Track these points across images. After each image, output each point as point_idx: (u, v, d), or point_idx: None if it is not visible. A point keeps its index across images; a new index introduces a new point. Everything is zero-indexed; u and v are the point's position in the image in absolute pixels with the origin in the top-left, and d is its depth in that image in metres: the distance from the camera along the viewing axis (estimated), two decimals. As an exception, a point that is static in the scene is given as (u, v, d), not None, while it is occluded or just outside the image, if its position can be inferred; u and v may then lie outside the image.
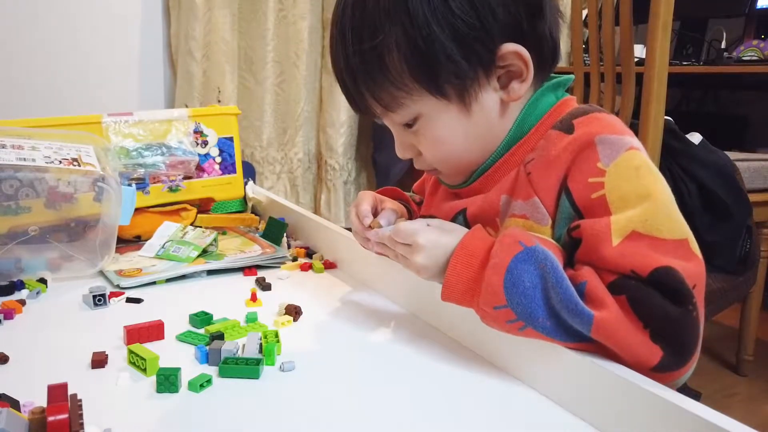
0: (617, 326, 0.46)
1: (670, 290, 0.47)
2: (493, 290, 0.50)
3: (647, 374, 0.45)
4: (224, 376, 0.53)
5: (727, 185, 1.21)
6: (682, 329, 0.46)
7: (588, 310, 0.47)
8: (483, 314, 0.52)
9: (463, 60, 0.54)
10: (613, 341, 0.47)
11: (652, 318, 0.46)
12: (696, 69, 1.99)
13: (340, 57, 0.58)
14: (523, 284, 0.49)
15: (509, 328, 0.50)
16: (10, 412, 0.38)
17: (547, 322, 0.48)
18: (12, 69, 1.76)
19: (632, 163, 0.52)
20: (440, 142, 0.60)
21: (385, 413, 0.48)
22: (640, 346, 0.46)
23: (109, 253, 0.80)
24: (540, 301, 0.49)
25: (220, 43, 1.97)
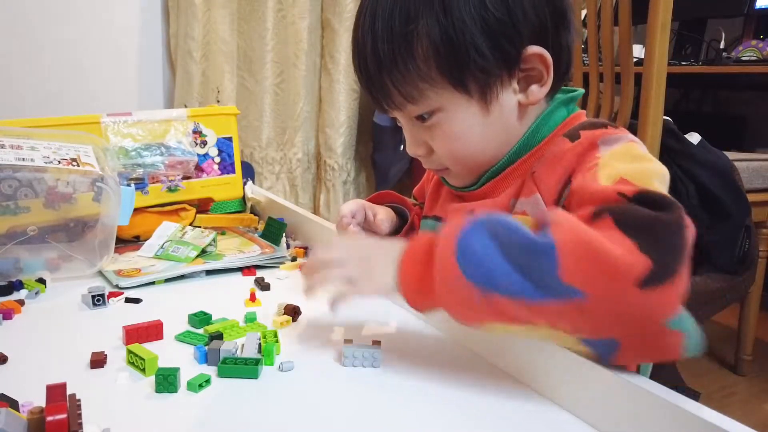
0: (586, 239, 0.42)
1: (657, 204, 0.44)
2: (446, 266, 0.47)
3: (633, 294, 0.40)
4: (223, 376, 0.53)
5: (725, 185, 1.21)
6: (670, 230, 0.42)
7: (546, 239, 0.44)
8: (447, 306, 0.49)
9: (491, 54, 0.55)
10: (585, 263, 0.41)
11: (640, 228, 0.42)
12: (695, 69, 1.99)
13: (367, 43, 0.58)
14: (475, 250, 0.46)
15: (471, 303, 0.46)
16: (9, 412, 0.38)
17: (507, 280, 0.44)
18: (11, 69, 1.76)
19: (629, 152, 0.53)
20: (455, 138, 0.60)
21: (385, 413, 0.48)
22: (624, 257, 0.41)
23: (108, 253, 0.80)
24: (497, 261, 0.44)
25: (219, 43, 1.97)
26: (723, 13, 2.24)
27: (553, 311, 0.43)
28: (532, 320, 0.45)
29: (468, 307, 0.47)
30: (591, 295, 0.42)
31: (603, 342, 0.44)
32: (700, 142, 1.25)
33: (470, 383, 0.53)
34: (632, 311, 0.41)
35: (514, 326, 0.46)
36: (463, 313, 0.48)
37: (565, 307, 0.43)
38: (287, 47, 2.06)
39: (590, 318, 0.43)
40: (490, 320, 0.47)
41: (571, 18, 0.59)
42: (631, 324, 0.42)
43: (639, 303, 0.41)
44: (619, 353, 0.44)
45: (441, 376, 0.54)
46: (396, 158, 2.14)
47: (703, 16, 2.26)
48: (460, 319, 0.49)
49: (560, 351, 0.49)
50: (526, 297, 0.43)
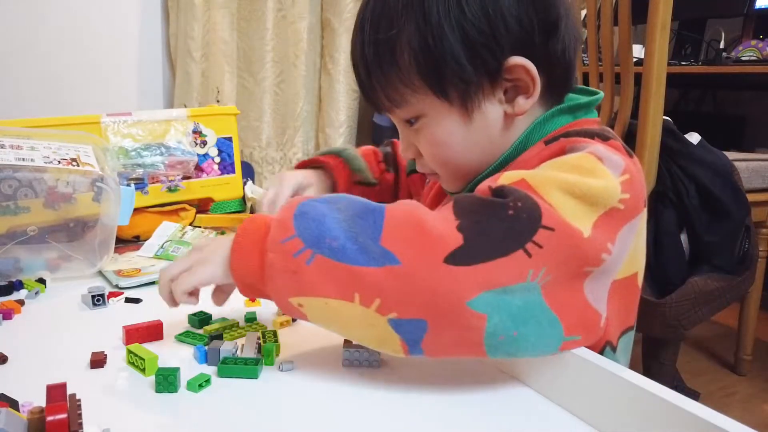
0: (410, 214, 0.45)
1: (501, 194, 0.46)
2: (283, 224, 0.48)
3: (439, 268, 0.43)
4: (223, 376, 0.53)
5: (725, 185, 1.21)
6: (492, 214, 0.44)
7: (381, 205, 0.47)
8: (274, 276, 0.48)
9: (469, 65, 0.54)
10: (404, 231, 0.45)
11: (466, 210, 0.45)
12: (695, 69, 1.99)
13: (357, 46, 0.59)
14: (314, 211, 0.48)
15: (296, 265, 0.46)
16: (9, 412, 0.38)
17: (334, 242, 0.46)
18: (11, 69, 1.76)
19: (578, 162, 0.50)
20: (438, 144, 0.60)
21: (385, 413, 0.48)
22: (441, 231, 0.44)
23: (108, 253, 0.80)
24: (330, 223, 0.47)
25: (219, 43, 1.97)
26: (723, 13, 2.24)
27: (369, 279, 0.44)
28: (349, 291, 0.45)
29: (293, 271, 0.47)
30: (404, 263, 0.44)
31: (412, 323, 0.45)
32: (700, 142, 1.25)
33: (469, 383, 0.53)
34: (436, 285, 0.43)
35: (331, 302, 0.46)
36: (286, 286, 0.48)
37: (381, 274, 0.44)
38: (287, 47, 2.06)
39: (402, 288, 0.44)
40: (309, 291, 0.47)
41: (565, 25, 0.57)
42: (436, 299, 0.43)
43: (443, 277, 0.43)
44: (426, 336, 0.45)
45: (440, 376, 0.54)
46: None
47: (703, 16, 2.26)
48: (282, 296, 0.49)
49: (563, 351, 0.49)
50: (348, 259, 0.45)
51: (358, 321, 0.46)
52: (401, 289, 0.44)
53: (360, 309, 0.45)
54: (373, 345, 0.49)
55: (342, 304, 0.46)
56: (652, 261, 1.22)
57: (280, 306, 0.50)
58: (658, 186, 1.23)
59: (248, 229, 0.51)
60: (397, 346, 0.46)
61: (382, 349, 0.48)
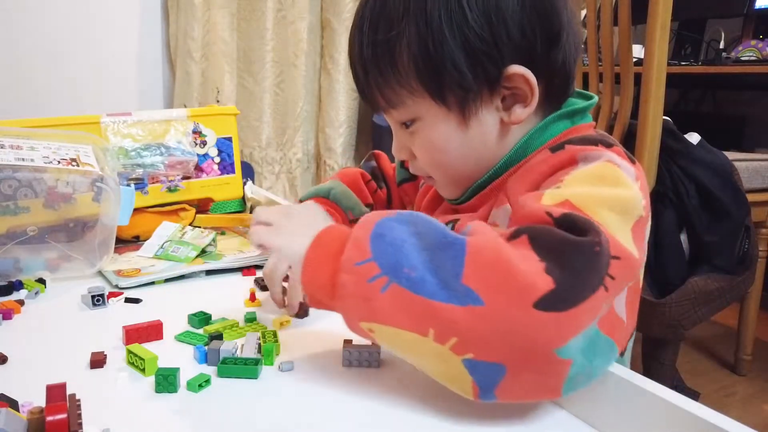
0: (494, 251, 0.41)
1: (576, 228, 0.43)
2: (359, 244, 0.45)
3: (528, 314, 0.39)
4: (222, 376, 0.53)
5: (725, 185, 1.21)
6: (579, 256, 0.41)
7: (462, 237, 0.43)
8: (343, 291, 0.45)
9: (469, 72, 0.54)
10: (490, 271, 0.41)
11: (550, 250, 0.41)
12: (694, 69, 1.99)
13: (355, 46, 0.59)
14: (391, 235, 0.45)
15: (369, 292, 0.44)
16: (8, 412, 0.38)
17: (412, 272, 0.43)
18: (11, 69, 1.76)
19: (600, 172, 0.50)
20: (433, 148, 0.59)
21: (385, 413, 0.48)
22: (529, 275, 0.40)
23: (108, 253, 0.80)
24: (409, 251, 0.44)
25: (219, 43, 1.97)
26: (722, 13, 2.24)
27: (447, 316, 0.41)
28: (423, 325, 0.42)
29: (366, 298, 0.44)
30: (489, 305, 0.40)
31: (489, 366, 0.41)
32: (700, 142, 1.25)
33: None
34: (525, 331, 0.40)
35: (403, 333, 0.44)
36: (357, 310, 0.45)
37: (461, 313, 0.41)
38: (287, 47, 2.06)
39: (483, 331, 0.41)
40: (381, 319, 0.44)
41: (567, 35, 0.56)
42: (521, 344, 0.40)
43: (533, 323, 0.40)
44: (503, 381, 0.42)
45: (441, 376, 0.54)
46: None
47: (703, 16, 2.26)
48: (353, 318, 0.47)
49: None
50: (426, 293, 0.42)
51: (430, 355, 0.44)
52: (483, 330, 0.41)
53: (433, 345, 0.42)
54: (442, 380, 0.46)
55: (415, 337, 0.43)
56: (652, 261, 1.22)
57: (349, 326, 0.48)
58: (658, 186, 1.23)
59: (323, 242, 0.49)
60: (468, 387, 0.43)
61: (451, 385, 0.45)
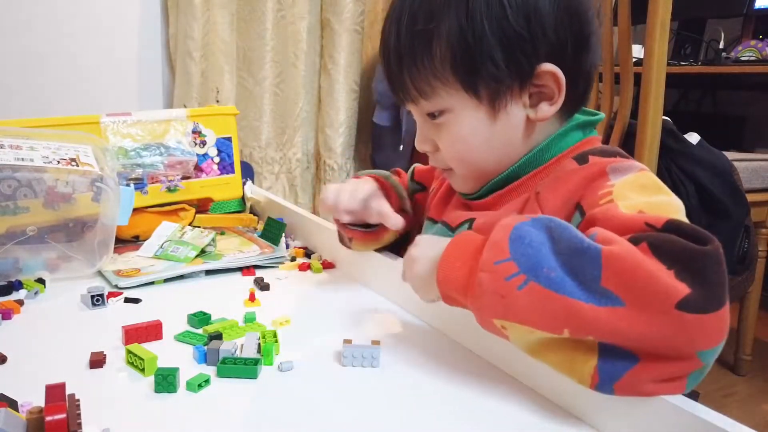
0: (632, 257, 0.42)
1: (689, 235, 0.43)
2: (498, 245, 0.47)
3: (672, 314, 0.40)
4: (222, 376, 0.53)
5: (725, 185, 1.21)
6: (711, 264, 0.41)
7: (596, 244, 0.44)
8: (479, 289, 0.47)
9: (504, 66, 0.56)
10: (630, 276, 0.41)
11: (676, 258, 0.42)
12: (694, 69, 1.99)
13: (392, 35, 0.60)
14: (530, 237, 0.46)
15: (506, 289, 0.45)
16: (8, 412, 0.38)
17: (552, 273, 0.44)
18: (10, 69, 1.76)
19: (640, 181, 0.53)
20: (460, 140, 0.60)
21: (385, 413, 0.48)
22: (663, 280, 0.41)
23: (108, 253, 0.80)
24: (547, 253, 0.45)
25: (219, 43, 1.97)
26: (722, 13, 2.24)
27: (587, 315, 0.42)
28: (559, 324, 0.44)
29: (502, 295, 0.46)
30: (629, 305, 0.41)
31: (622, 353, 0.42)
32: (700, 142, 1.25)
33: (469, 383, 0.53)
34: (668, 331, 0.40)
35: (537, 332, 0.45)
36: (493, 308, 0.47)
37: (601, 312, 0.42)
38: (287, 47, 2.06)
39: (623, 328, 0.41)
40: (515, 316, 0.45)
41: (595, 42, 0.60)
42: (663, 344, 0.41)
43: (676, 324, 0.40)
44: (630, 372, 0.42)
45: (440, 376, 0.54)
46: (395, 158, 2.14)
47: (703, 16, 2.26)
48: (487, 315, 0.48)
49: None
50: (566, 291, 0.43)
51: (563, 346, 0.45)
52: (622, 329, 0.41)
53: (568, 341, 0.44)
54: (562, 363, 0.46)
55: (547, 336, 0.45)
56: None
57: (482, 323, 0.49)
58: (658, 186, 1.23)
59: (460, 243, 0.52)
60: (587, 375, 0.44)
61: (572, 368, 0.45)
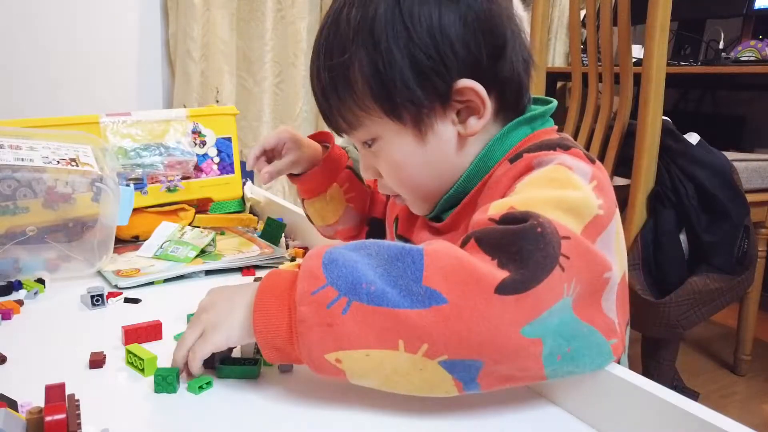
0: (450, 252, 0.43)
1: (516, 219, 0.44)
2: (312, 273, 0.45)
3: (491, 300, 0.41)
4: (222, 377, 0.52)
5: (724, 185, 1.21)
6: (525, 241, 0.43)
7: (417, 247, 0.45)
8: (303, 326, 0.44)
9: (419, 88, 0.55)
10: (449, 270, 0.42)
11: (497, 245, 0.43)
12: (694, 69, 1.99)
13: (313, 72, 0.62)
14: (343, 258, 0.45)
15: (330, 317, 0.43)
16: (7, 412, 0.38)
17: (372, 287, 0.43)
18: (10, 69, 1.76)
19: (550, 175, 0.51)
20: (396, 165, 0.61)
21: (384, 413, 0.48)
22: (482, 270, 0.42)
23: (107, 253, 0.80)
24: (363, 269, 0.44)
25: (219, 43, 1.97)
26: (722, 14, 2.24)
27: (414, 322, 0.42)
28: (392, 338, 0.43)
29: (328, 324, 0.44)
30: (452, 301, 0.41)
31: (465, 363, 0.42)
32: (699, 142, 1.25)
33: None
34: (491, 317, 0.41)
35: (373, 353, 0.43)
36: (321, 341, 0.44)
37: (428, 317, 0.42)
38: (286, 47, 2.06)
39: (452, 329, 0.41)
40: (347, 344, 0.44)
41: (512, 48, 0.58)
42: (489, 332, 0.41)
43: (497, 308, 0.41)
44: (482, 371, 0.43)
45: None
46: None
47: (702, 16, 2.26)
48: (317, 353, 0.45)
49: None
50: (389, 303, 0.42)
51: (404, 369, 0.44)
52: (451, 329, 0.41)
53: (405, 356, 0.43)
54: (422, 391, 0.46)
55: (385, 353, 0.43)
56: (651, 261, 1.22)
57: (315, 366, 0.46)
58: (658, 186, 1.23)
59: (269, 286, 0.49)
60: (450, 386, 0.44)
61: (433, 393, 0.45)
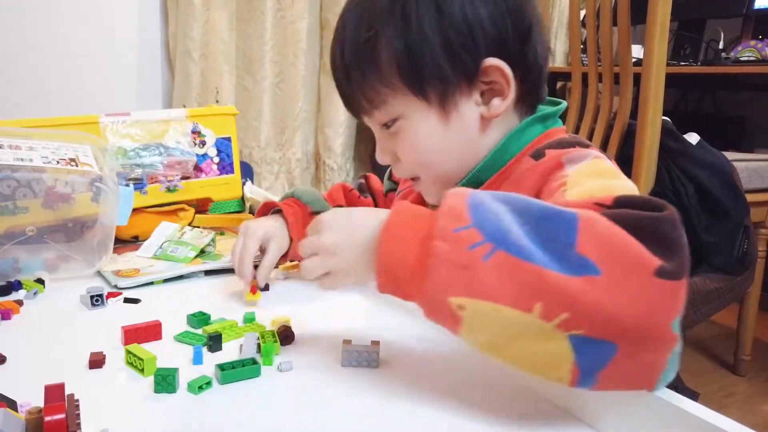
0: (609, 224, 0.40)
1: (641, 205, 0.42)
2: (455, 211, 0.42)
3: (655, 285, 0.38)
4: (225, 383, 0.52)
5: (724, 185, 1.21)
6: (670, 228, 0.40)
7: (569, 209, 0.42)
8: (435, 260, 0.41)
9: (448, 65, 0.56)
10: (607, 242, 0.39)
11: (640, 229, 0.40)
12: (694, 69, 1.99)
13: (337, 49, 0.60)
14: (489, 204, 0.42)
15: (469, 260, 0.40)
16: (7, 413, 0.38)
17: (521, 240, 0.40)
18: (9, 69, 1.76)
19: (594, 167, 0.52)
20: (417, 146, 0.60)
21: (384, 414, 0.48)
22: (640, 248, 0.39)
23: (107, 253, 0.80)
24: (511, 221, 0.41)
25: (218, 43, 1.97)
26: (722, 14, 2.24)
27: (561, 288, 0.38)
28: (530, 299, 0.39)
29: (464, 266, 0.40)
30: (606, 274, 0.38)
31: (599, 344, 0.39)
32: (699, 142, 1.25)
33: (468, 383, 0.53)
34: (647, 300, 0.38)
35: (502, 310, 0.40)
36: (451, 282, 0.41)
37: (579, 284, 0.38)
38: (286, 47, 2.06)
39: (601, 300, 0.38)
40: (479, 292, 0.40)
41: (537, 33, 0.59)
42: (643, 315, 0.38)
43: (656, 292, 0.38)
44: (610, 363, 0.39)
45: (440, 377, 0.54)
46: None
47: (702, 16, 2.26)
48: (441, 294, 0.42)
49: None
50: (538, 261, 0.39)
51: (528, 336, 0.40)
52: (601, 302, 0.38)
53: (537, 322, 0.39)
54: (534, 368, 0.42)
55: (515, 313, 0.40)
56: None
57: (430, 307, 0.43)
58: (657, 186, 1.23)
59: (404, 213, 0.45)
60: (566, 371, 0.40)
61: (544, 374, 0.42)
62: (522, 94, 0.60)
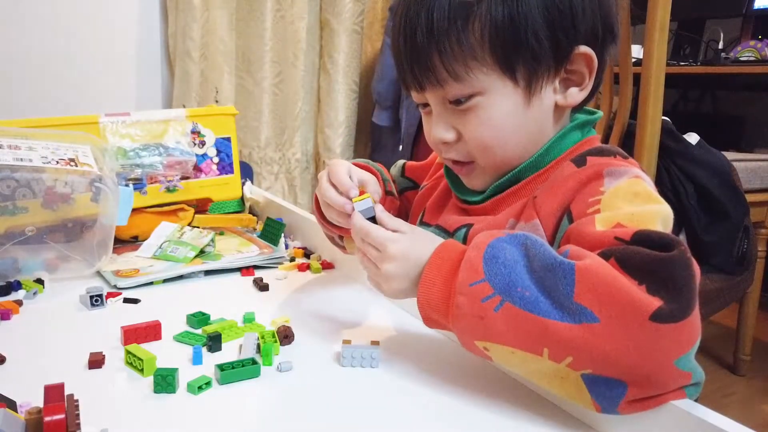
0: (604, 271, 0.42)
1: (656, 244, 0.43)
2: (472, 265, 0.47)
3: (646, 326, 0.40)
4: (225, 383, 0.52)
5: (724, 185, 1.21)
6: (677, 269, 0.42)
7: (568, 260, 0.45)
8: (458, 311, 0.48)
9: (546, 44, 0.55)
10: (603, 290, 0.42)
11: (644, 270, 0.42)
12: (693, 69, 1.99)
13: (420, 13, 0.56)
14: (504, 256, 0.47)
15: (483, 311, 0.46)
16: (6, 413, 0.38)
17: (525, 292, 0.44)
18: (9, 69, 1.76)
19: (632, 189, 0.52)
20: (490, 125, 0.58)
21: (384, 414, 0.48)
22: (636, 295, 0.41)
23: (107, 253, 0.80)
24: (521, 272, 0.45)
25: (218, 43, 1.97)
26: (721, 14, 2.24)
27: (563, 335, 0.42)
28: (538, 345, 0.44)
29: (480, 316, 0.46)
30: (604, 321, 0.41)
31: (609, 382, 0.42)
32: (699, 142, 1.25)
33: (468, 384, 0.53)
34: (644, 344, 0.41)
35: (518, 352, 0.45)
36: (473, 330, 0.47)
37: (576, 331, 0.42)
38: (286, 47, 2.06)
39: (600, 346, 0.41)
40: (495, 338, 0.46)
41: (617, 34, 0.60)
42: (641, 358, 0.41)
43: (652, 336, 0.40)
44: (624, 398, 0.42)
45: (439, 377, 0.54)
46: (395, 158, 2.13)
47: (702, 16, 2.26)
48: (468, 337, 0.48)
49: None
50: (540, 311, 0.43)
51: (547, 373, 0.45)
52: (600, 347, 0.42)
53: (549, 363, 0.44)
54: (566, 397, 0.46)
55: (529, 356, 0.45)
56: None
57: (465, 345, 0.49)
58: (657, 186, 1.22)
59: (439, 263, 0.51)
60: (587, 401, 0.44)
61: (573, 401, 0.46)
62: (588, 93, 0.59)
